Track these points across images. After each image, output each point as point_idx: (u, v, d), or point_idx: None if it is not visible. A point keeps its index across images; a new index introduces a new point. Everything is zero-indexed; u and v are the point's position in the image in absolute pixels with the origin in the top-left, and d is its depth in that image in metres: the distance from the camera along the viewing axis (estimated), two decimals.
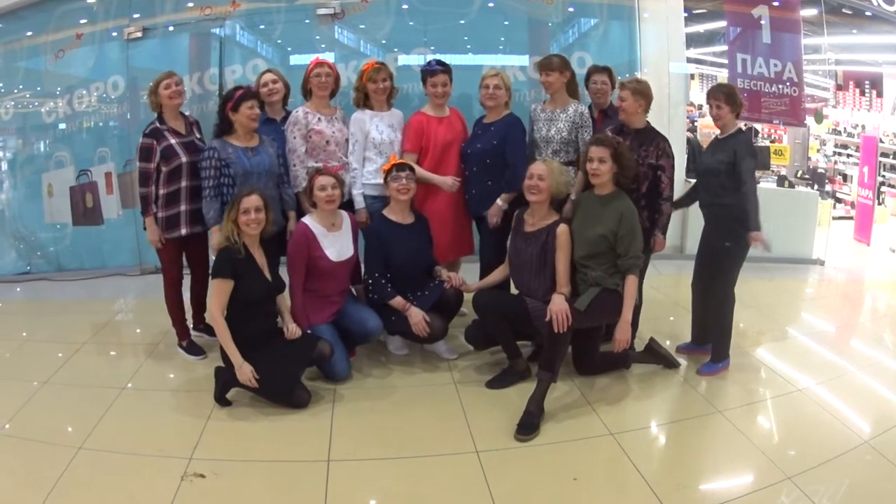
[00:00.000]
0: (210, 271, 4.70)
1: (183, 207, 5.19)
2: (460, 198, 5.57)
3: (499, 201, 5.38)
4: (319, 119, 5.40)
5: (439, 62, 5.62)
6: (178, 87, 5.27)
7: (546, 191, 4.84)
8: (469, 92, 6.65)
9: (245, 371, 4.38)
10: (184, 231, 5.22)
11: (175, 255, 5.36)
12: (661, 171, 4.99)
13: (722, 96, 4.88)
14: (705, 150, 5.24)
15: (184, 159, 5.15)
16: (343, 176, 5.27)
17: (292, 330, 4.77)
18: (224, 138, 5.04)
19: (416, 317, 4.98)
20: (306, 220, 5.06)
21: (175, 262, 5.36)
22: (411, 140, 5.49)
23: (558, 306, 4.43)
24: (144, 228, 5.37)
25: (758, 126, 11.81)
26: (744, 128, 5.05)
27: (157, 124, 5.25)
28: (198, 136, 5.39)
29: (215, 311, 4.48)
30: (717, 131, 5.08)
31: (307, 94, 5.52)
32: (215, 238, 4.95)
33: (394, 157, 5.27)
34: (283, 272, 4.94)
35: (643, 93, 5.03)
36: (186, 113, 5.57)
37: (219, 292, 4.47)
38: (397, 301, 5.03)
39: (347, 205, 5.43)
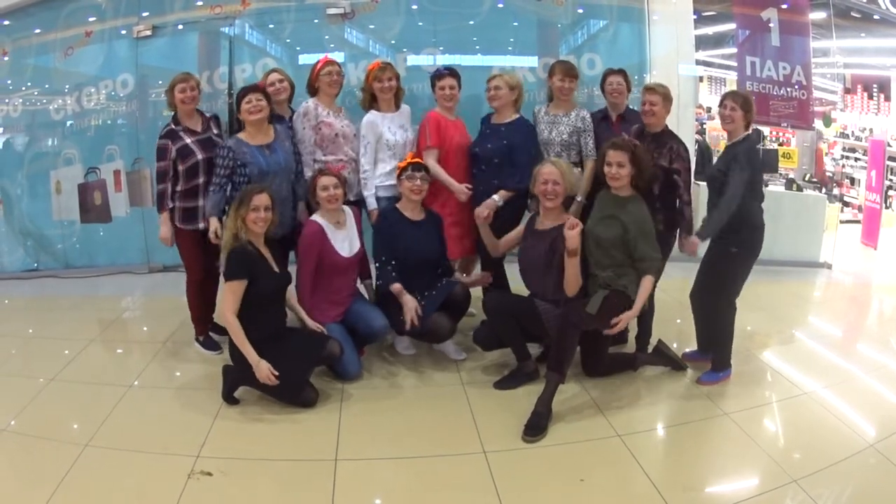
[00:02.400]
0: (222, 272, 4.67)
1: (201, 202, 5.22)
2: (467, 203, 5.56)
3: (495, 196, 5.37)
4: (328, 113, 5.44)
5: (447, 67, 5.66)
6: (192, 93, 5.30)
7: (562, 195, 4.86)
8: (478, 93, 6.64)
9: (263, 369, 4.35)
10: (201, 225, 5.24)
11: (195, 252, 5.33)
12: (677, 174, 5.00)
13: (740, 99, 4.87)
14: (717, 158, 5.23)
15: (199, 157, 5.20)
16: (345, 175, 5.30)
17: (313, 326, 4.87)
18: (239, 136, 5.08)
19: (410, 303, 4.97)
20: (316, 218, 5.08)
21: (196, 260, 5.33)
22: (433, 135, 5.48)
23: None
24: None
25: (765, 129, 11.78)
26: (751, 132, 5.02)
27: (172, 125, 5.31)
28: (215, 131, 5.42)
29: (228, 313, 4.45)
30: (724, 134, 5.07)
31: (314, 92, 5.54)
32: (213, 225, 5.05)
33: (410, 156, 5.28)
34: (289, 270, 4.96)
35: (670, 98, 5.09)
36: (203, 109, 5.62)
37: (232, 294, 4.44)
38: (396, 287, 5.04)
39: (356, 203, 5.47)
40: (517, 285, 5.31)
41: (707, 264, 5.08)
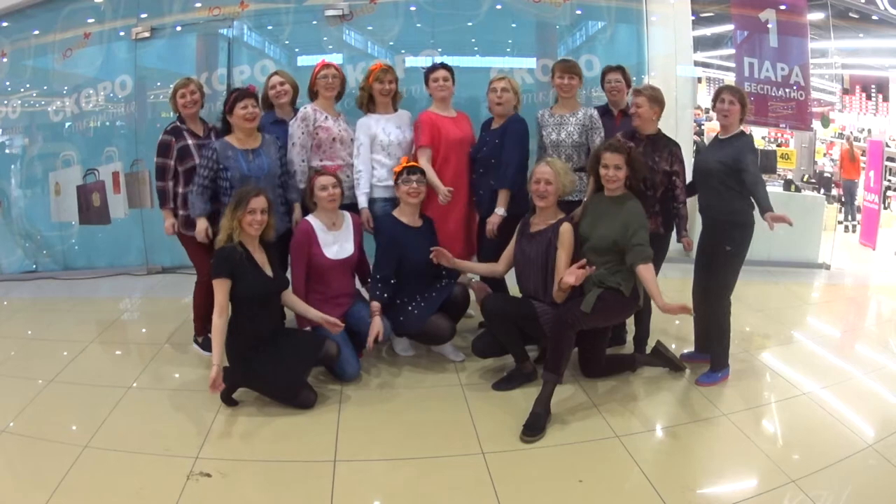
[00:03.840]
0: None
1: None
2: (463, 198, 5.58)
3: (498, 210, 5.39)
4: (326, 117, 5.43)
5: (440, 63, 5.69)
6: (194, 97, 5.31)
7: (553, 194, 4.86)
8: (476, 94, 6.65)
9: (213, 373, 4.30)
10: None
11: (202, 253, 5.24)
12: (676, 176, 5.01)
13: (738, 94, 4.89)
14: (705, 150, 5.21)
15: (197, 161, 5.18)
16: (342, 175, 5.30)
17: (317, 317, 4.80)
18: (227, 140, 5.07)
19: (376, 326, 4.93)
20: (309, 217, 5.13)
21: (205, 261, 5.17)
22: (426, 134, 5.48)
23: None
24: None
25: (763, 130, 11.79)
26: (747, 132, 5.03)
27: (178, 123, 5.34)
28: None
29: (214, 311, 4.47)
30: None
31: (314, 95, 5.55)
32: (202, 225, 5.03)
33: (405, 160, 5.28)
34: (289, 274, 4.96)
35: (658, 100, 5.06)
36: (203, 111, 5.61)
37: (217, 293, 4.45)
38: (375, 305, 5.04)
39: (354, 207, 5.46)
40: (516, 286, 5.31)
41: (702, 266, 5.09)
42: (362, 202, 5.48)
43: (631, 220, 4.63)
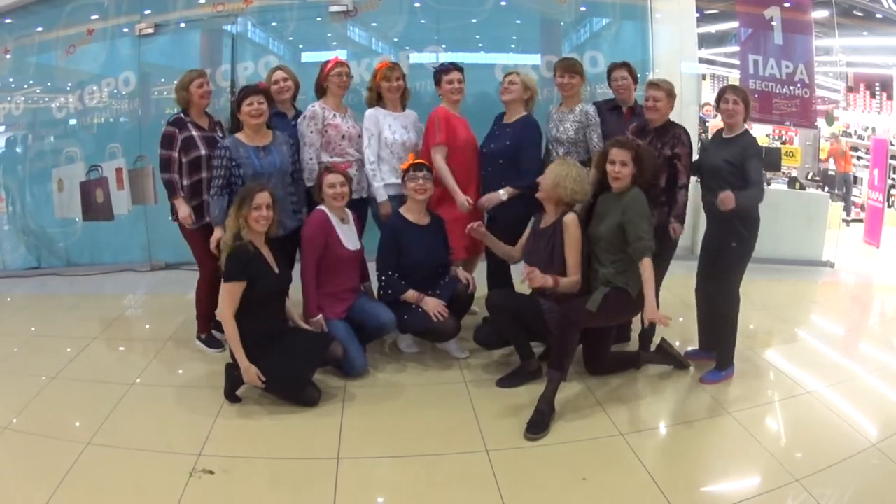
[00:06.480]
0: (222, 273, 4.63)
1: (205, 197, 5.20)
2: (472, 196, 5.54)
3: (501, 192, 5.37)
4: (335, 115, 5.43)
5: (451, 63, 5.65)
6: (208, 88, 5.36)
7: (554, 199, 4.87)
8: (481, 91, 6.63)
9: (251, 374, 4.39)
10: (208, 219, 5.19)
11: (207, 248, 5.20)
12: (678, 159, 4.97)
13: (741, 94, 4.89)
14: (709, 148, 5.19)
15: (203, 152, 5.20)
16: (351, 173, 5.28)
17: (313, 325, 4.84)
18: (237, 137, 5.06)
19: (432, 303, 5.00)
20: (322, 207, 5.10)
21: (209, 257, 5.20)
22: (443, 131, 5.44)
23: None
24: (172, 217, 5.41)
25: (767, 128, 11.77)
26: (750, 130, 5.04)
27: (182, 115, 5.33)
28: (220, 135, 5.42)
29: (227, 314, 4.45)
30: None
31: (321, 92, 5.54)
32: (217, 235, 5.00)
33: (412, 157, 5.28)
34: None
35: (674, 94, 5.06)
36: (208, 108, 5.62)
37: (231, 295, 4.44)
38: (410, 294, 5.06)
39: (360, 202, 5.47)
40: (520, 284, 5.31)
41: (707, 260, 5.08)
42: (381, 195, 5.47)
43: (629, 205, 4.62)
